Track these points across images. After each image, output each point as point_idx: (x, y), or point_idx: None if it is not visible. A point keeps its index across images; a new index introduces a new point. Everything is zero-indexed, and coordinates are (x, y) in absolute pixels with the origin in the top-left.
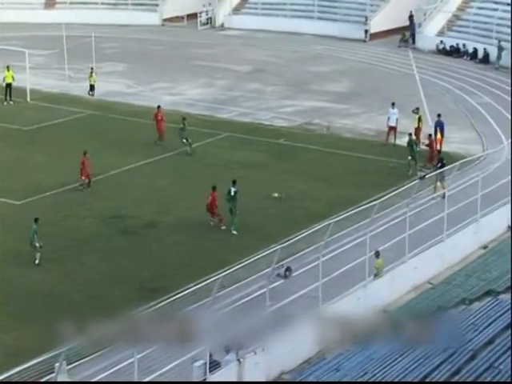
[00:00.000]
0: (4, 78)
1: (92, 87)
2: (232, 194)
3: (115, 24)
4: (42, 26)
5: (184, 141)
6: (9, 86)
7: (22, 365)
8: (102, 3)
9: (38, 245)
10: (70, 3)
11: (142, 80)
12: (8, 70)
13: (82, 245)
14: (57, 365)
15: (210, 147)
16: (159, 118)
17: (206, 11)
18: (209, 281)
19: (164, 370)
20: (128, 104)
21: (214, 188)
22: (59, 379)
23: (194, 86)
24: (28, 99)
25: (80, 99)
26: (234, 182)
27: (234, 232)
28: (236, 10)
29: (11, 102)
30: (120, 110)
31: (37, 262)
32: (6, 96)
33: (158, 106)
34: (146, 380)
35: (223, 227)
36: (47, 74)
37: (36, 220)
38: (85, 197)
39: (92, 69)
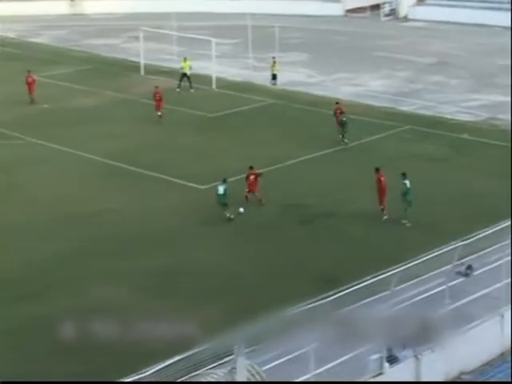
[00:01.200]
0: (182, 68)
1: (274, 76)
2: (408, 186)
3: (299, 14)
4: (227, 15)
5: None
6: (185, 74)
7: (202, 346)
8: None
9: (225, 203)
10: None
11: (323, 70)
12: (185, 61)
13: (261, 231)
14: (236, 347)
15: (391, 140)
16: None
17: (390, 2)
18: (386, 274)
19: (339, 360)
20: (309, 94)
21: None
22: (238, 362)
23: (376, 78)
24: (213, 87)
25: (263, 88)
26: (403, 175)
27: (407, 224)
28: (420, 1)
29: (192, 90)
30: (301, 99)
31: (231, 216)
32: (180, 83)
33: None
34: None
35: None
36: (232, 62)
37: (224, 180)
38: (264, 185)
39: (274, 58)
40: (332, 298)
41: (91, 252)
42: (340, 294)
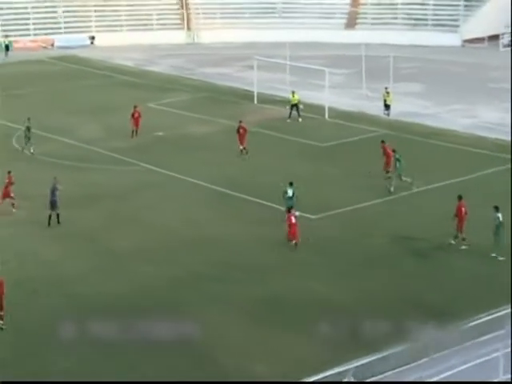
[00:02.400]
0: (290, 100)
1: (388, 107)
2: (500, 219)
3: (414, 45)
4: (341, 45)
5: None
6: (295, 105)
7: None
8: (402, 23)
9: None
10: (372, 24)
11: (438, 101)
12: (293, 96)
13: (372, 262)
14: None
15: (502, 174)
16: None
17: (509, 32)
18: (501, 312)
19: None
20: (423, 125)
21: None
22: None
23: (492, 109)
24: (326, 117)
25: (375, 118)
26: (496, 208)
27: (499, 257)
28: None
29: (300, 120)
30: (415, 130)
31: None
32: (290, 113)
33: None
34: None
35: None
36: (345, 92)
37: (291, 184)
38: (377, 216)
39: (386, 88)
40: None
41: (204, 277)
42: (456, 329)
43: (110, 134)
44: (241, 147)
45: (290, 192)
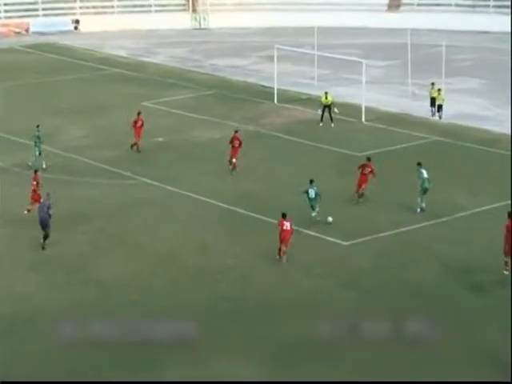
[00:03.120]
0: (322, 101)
1: (440, 107)
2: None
3: (472, 30)
4: (383, 31)
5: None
6: (327, 106)
7: None
8: (457, 4)
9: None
10: (418, 4)
11: (500, 100)
12: (326, 97)
13: (420, 298)
14: None
15: None
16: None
17: None
18: None
19: None
20: (482, 130)
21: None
22: None
23: None
24: (363, 119)
25: (424, 122)
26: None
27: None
28: None
29: (332, 125)
30: (472, 136)
31: (318, 218)
32: (322, 115)
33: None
34: None
35: None
36: (386, 89)
37: (311, 181)
38: (424, 241)
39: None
40: None
41: (211, 314)
42: None
43: (100, 141)
44: (233, 160)
45: (311, 192)
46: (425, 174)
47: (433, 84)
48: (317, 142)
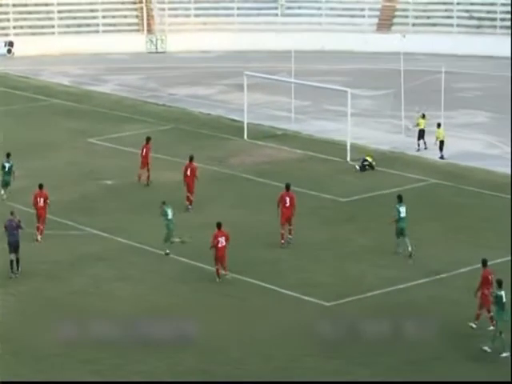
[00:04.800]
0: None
1: (441, 145)
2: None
3: (476, 55)
4: (371, 55)
5: None
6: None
7: None
8: (458, 25)
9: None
10: (413, 24)
11: (509, 137)
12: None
13: (417, 371)
14: None
15: None
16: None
17: None
18: None
19: None
20: (488, 171)
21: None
22: None
23: None
24: (348, 158)
25: (420, 161)
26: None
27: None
28: None
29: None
30: (476, 179)
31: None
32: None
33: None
34: None
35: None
36: (375, 123)
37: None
38: (421, 302)
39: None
40: None
41: None
42: None
43: (37, 184)
44: (190, 197)
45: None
46: (402, 211)
47: (423, 115)
48: (294, 185)
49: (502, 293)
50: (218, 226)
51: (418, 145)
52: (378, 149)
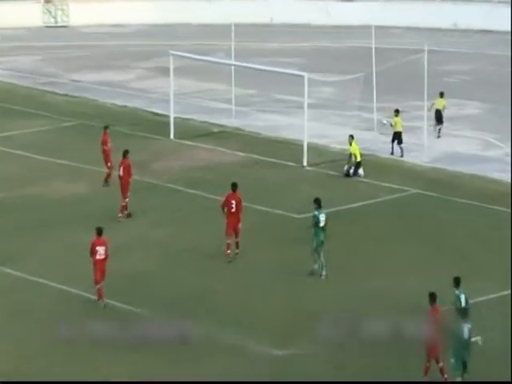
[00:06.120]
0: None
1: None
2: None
3: (466, 29)
4: (334, 29)
5: None
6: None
7: None
8: None
9: None
10: None
11: (508, 134)
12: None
13: None
14: None
15: None
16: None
17: None
18: None
19: None
20: (483, 178)
21: None
22: None
23: None
24: (304, 163)
25: (397, 166)
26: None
27: None
28: None
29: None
30: (468, 187)
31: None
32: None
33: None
34: None
35: None
36: (339, 117)
37: None
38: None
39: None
40: None
41: None
42: None
43: None
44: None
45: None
46: (322, 220)
47: (397, 110)
48: (248, 200)
49: (462, 296)
50: (98, 232)
51: (392, 148)
52: (342, 150)
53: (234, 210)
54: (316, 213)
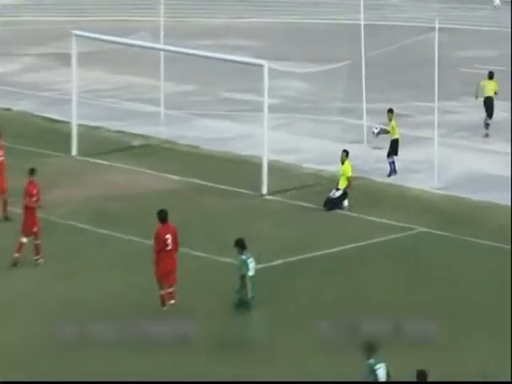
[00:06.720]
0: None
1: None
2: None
3: (484, 7)
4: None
5: None
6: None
7: None
8: None
9: None
10: None
11: None
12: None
13: None
14: None
15: None
16: None
17: None
18: None
19: None
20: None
21: None
22: None
23: None
24: (264, 191)
25: (400, 193)
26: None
27: None
28: None
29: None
30: (494, 225)
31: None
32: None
33: None
34: None
35: None
36: (315, 123)
37: None
38: None
39: (391, 111)
40: None
41: None
42: None
43: None
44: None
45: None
46: (252, 267)
47: (391, 111)
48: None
49: (379, 365)
50: None
51: (391, 167)
52: (320, 171)
53: (169, 248)
54: (243, 257)
